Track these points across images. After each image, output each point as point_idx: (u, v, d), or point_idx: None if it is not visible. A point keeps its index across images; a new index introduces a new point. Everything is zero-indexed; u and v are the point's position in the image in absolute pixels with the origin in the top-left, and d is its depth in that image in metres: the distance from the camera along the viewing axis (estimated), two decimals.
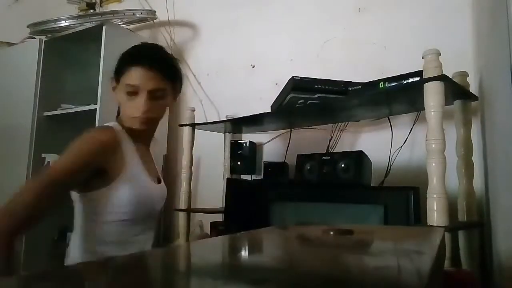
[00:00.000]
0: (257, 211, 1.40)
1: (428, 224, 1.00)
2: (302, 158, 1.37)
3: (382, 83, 1.23)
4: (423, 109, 1.06)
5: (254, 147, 1.83)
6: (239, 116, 1.70)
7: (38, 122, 1.98)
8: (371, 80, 1.26)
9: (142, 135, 1.09)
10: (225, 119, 1.77)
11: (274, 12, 1.97)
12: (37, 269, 1.21)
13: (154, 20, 2.20)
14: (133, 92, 1.00)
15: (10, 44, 2.22)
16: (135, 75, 0.99)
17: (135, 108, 1.00)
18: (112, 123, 1.06)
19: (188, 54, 2.23)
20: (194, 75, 2.18)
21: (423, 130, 1.09)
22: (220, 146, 1.88)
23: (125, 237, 1.03)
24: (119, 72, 1.03)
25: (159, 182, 1.17)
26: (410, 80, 1.16)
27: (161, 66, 1.02)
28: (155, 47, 1.09)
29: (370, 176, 1.32)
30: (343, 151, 1.41)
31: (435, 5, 1.55)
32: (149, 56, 1.02)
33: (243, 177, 1.81)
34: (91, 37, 1.92)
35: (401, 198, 1.11)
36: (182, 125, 1.74)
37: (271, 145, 1.88)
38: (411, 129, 1.43)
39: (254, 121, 1.64)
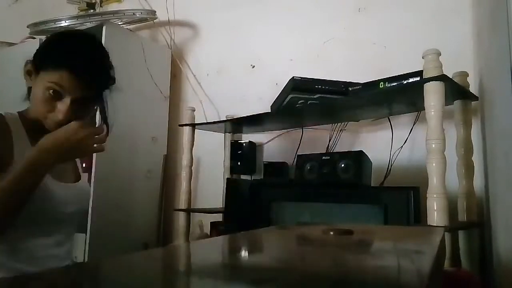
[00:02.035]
0: (257, 211, 1.40)
1: (428, 224, 1.00)
2: (302, 158, 1.37)
3: (382, 83, 1.23)
4: (423, 109, 1.06)
5: (254, 147, 1.83)
6: (239, 116, 1.70)
7: None
8: (371, 80, 1.26)
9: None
10: (225, 119, 1.77)
11: (274, 12, 1.97)
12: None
13: (154, 20, 2.20)
14: (56, 92, 0.90)
15: (10, 44, 2.22)
16: (62, 79, 0.89)
17: (57, 111, 0.91)
18: (5, 112, 0.95)
19: (188, 54, 2.23)
20: (194, 75, 2.18)
21: (423, 130, 1.09)
22: (220, 146, 1.88)
23: (16, 242, 0.90)
24: (42, 63, 0.92)
25: (77, 180, 1.05)
26: (410, 80, 1.17)
27: (93, 75, 0.93)
28: (90, 44, 0.97)
29: (370, 176, 1.32)
30: (343, 151, 1.41)
31: (435, 5, 1.55)
32: (83, 61, 0.92)
33: (243, 177, 1.81)
34: None
35: (401, 198, 1.10)
36: (182, 125, 1.74)
37: (271, 145, 1.88)
38: (411, 129, 1.43)
39: (254, 121, 1.64)
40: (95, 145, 0.92)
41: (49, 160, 0.85)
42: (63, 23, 1.92)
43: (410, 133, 1.43)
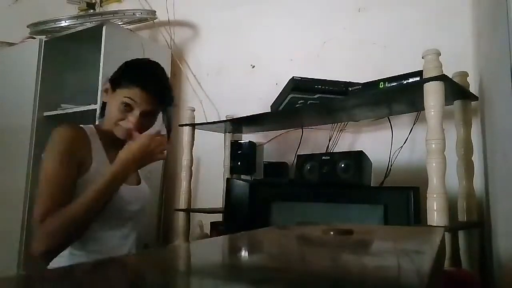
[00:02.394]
0: (257, 211, 1.40)
1: (428, 224, 1.00)
2: (302, 158, 1.37)
3: (382, 83, 1.23)
4: (423, 109, 1.06)
5: (254, 147, 1.83)
6: (239, 116, 1.70)
7: (38, 122, 1.97)
8: (371, 80, 1.26)
9: (119, 141, 1.14)
10: (225, 119, 1.77)
11: (274, 12, 1.97)
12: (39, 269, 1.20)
13: (154, 20, 2.20)
14: (128, 105, 1.10)
15: (10, 44, 2.22)
16: (135, 94, 1.09)
17: (128, 121, 1.11)
18: (84, 126, 1.14)
19: (188, 54, 2.23)
20: (194, 75, 2.18)
21: (423, 130, 1.09)
22: (220, 146, 1.88)
23: (93, 233, 1.06)
24: (119, 82, 1.12)
25: (138, 183, 1.23)
26: (410, 80, 1.17)
27: (159, 92, 1.14)
28: (158, 70, 1.20)
29: (370, 176, 1.32)
30: (343, 151, 1.41)
31: (435, 5, 1.55)
32: (151, 80, 1.13)
33: (243, 177, 1.81)
34: (91, 37, 1.92)
35: (401, 198, 1.10)
36: (182, 125, 1.74)
37: (271, 145, 1.88)
38: (411, 129, 1.43)
39: (254, 121, 1.64)
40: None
41: (129, 170, 1.04)
42: (63, 23, 1.92)
43: (410, 133, 1.43)
